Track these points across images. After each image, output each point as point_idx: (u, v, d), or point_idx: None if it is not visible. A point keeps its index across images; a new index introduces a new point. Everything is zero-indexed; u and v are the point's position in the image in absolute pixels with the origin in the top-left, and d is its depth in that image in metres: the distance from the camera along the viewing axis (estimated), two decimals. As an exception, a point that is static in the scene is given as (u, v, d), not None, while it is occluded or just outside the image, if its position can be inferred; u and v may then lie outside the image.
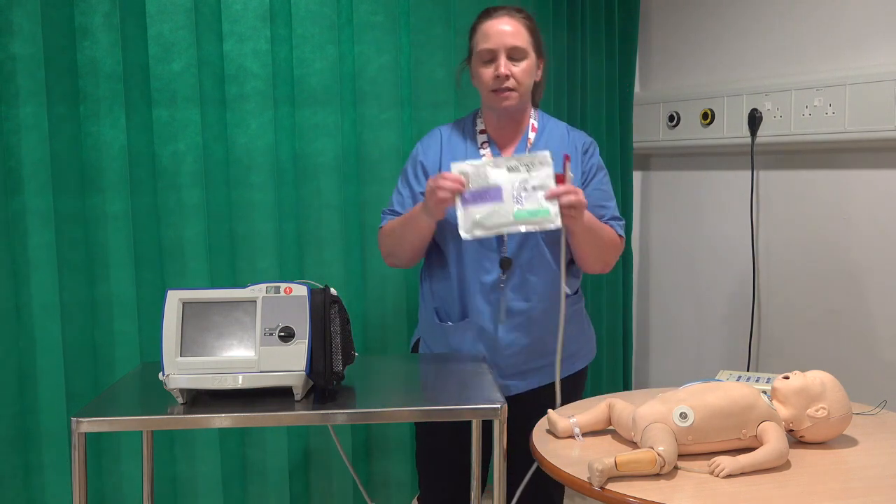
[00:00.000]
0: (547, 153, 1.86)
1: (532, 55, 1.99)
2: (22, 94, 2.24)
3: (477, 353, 2.02)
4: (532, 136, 2.05)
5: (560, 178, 1.84)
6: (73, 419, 1.50)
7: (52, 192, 2.27)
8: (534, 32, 2.01)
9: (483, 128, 2.08)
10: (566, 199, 1.82)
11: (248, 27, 2.44)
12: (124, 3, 2.32)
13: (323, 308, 1.62)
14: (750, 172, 2.72)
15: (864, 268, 2.44)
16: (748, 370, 2.76)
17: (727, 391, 1.46)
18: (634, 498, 1.29)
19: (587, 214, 1.93)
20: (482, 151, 2.04)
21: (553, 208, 1.84)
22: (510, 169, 1.86)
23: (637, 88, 3.16)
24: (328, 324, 1.61)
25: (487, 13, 2.02)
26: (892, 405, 1.77)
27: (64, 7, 2.28)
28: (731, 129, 2.74)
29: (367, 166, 2.60)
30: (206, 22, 2.41)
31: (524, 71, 1.97)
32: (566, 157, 1.87)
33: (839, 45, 2.45)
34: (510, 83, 1.96)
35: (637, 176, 3.21)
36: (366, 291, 2.65)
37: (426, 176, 2.05)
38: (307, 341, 1.58)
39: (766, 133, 2.62)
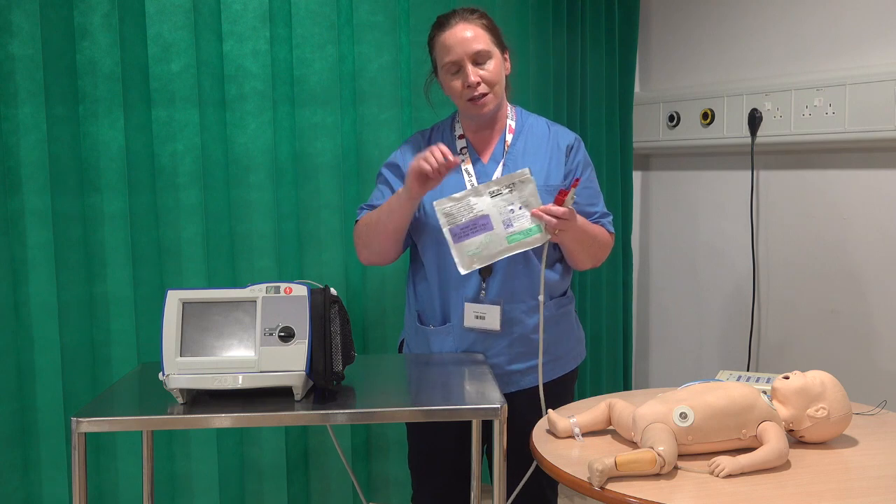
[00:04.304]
0: (527, 170, 1.85)
1: (496, 52, 1.97)
2: (21, 94, 2.24)
3: (476, 353, 2.02)
4: (510, 137, 2.04)
5: (560, 199, 1.83)
6: (73, 419, 1.50)
7: (50, 191, 2.27)
8: (492, 29, 1.98)
9: (461, 133, 2.07)
10: (553, 223, 1.83)
11: (247, 27, 2.44)
12: (123, 3, 2.32)
13: (323, 308, 1.61)
14: (750, 172, 2.72)
15: (864, 268, 2.44)
16: (748, 370, 2.76)
17: (727, 391, 1.45)
18: (634, 498, 1.29)
19: (578, 219, 1.92)
20: (461, 157, 2.03)
21: (541, 224, 1.85)
22: (493, 194, 1.85)
23: (637, 88, 3.16)
24: (328, 324, 1.61)
25: (441, 24, 1.98)
26: (892, 405, 1.77)
27: (63, 7, 2.28)
28: (731, 129, 2.74)
29: (367, 166, 2.60)
30: (205, 22, 2.41)
31: (493, 72, 1.95)
32: (576, 181, 1.85)
33: (839, 45, 2.45)
34: (482, 88, 1.94)
35: (637, 176, 3.21)
36: (365, 291, 2.65)
37: (402, 180, 2.02)
38: (307, 341, 1.58)
39: (766, 133, 2.62)
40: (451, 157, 1.82)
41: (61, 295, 2.31)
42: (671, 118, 2.96)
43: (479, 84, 1.93)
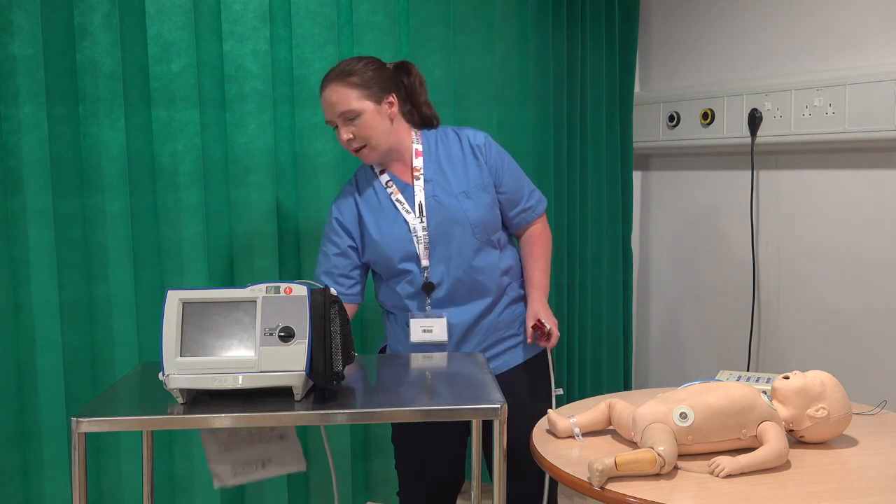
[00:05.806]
0: None
1: (368, 106, 2.00)
2: (21, 94, 2.24)
3: (476, 352, 2.03)
4: (418, 161, 2.08)
5: (541, 331, 2.03)
6: (74, 419, 1.50)
7: (51, 191, 2.27)
8: (360, 84, 2.00)
9: (382, 168, 2.12)
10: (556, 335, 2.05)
11: (247, 27, 2.44)
12: (124, 3, 2.32)
13: (323, 308, 1.61)
14: (750, 172, 2.72)
15: (865, 268, 2.44)
16: (748, 370, 2.76)
17: (727, 391, 1.46)
18: (634, 498, 1.29)
19: (544, 292, 2.12)
20: (388, 190, 2.09)
21: None
22: None
23: (637, 88, 3.16)
24: (328, 324, 1.61)
25: (321, 84, 2.05)
26: (892, 405, 1.77)
27: (63, 7, 2.28)
28: (731, 129, 2.74)
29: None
30: (205, 22, 2.41)
31: (362, 127, 2.01)
32: (534, 327, 2.04)
33: (839, 45, 2.45)
34: (356, 144, 2.03)
35: (637, 176, 3.21)
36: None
37: (346, 232, 2.11)
38: (307, 341, 1.58)
39: (766, 133, 2.62)
40: None
41: (62, 295, 2.31)
42: (671, 118, 2.96)
43: (350, 140, 2.02)
